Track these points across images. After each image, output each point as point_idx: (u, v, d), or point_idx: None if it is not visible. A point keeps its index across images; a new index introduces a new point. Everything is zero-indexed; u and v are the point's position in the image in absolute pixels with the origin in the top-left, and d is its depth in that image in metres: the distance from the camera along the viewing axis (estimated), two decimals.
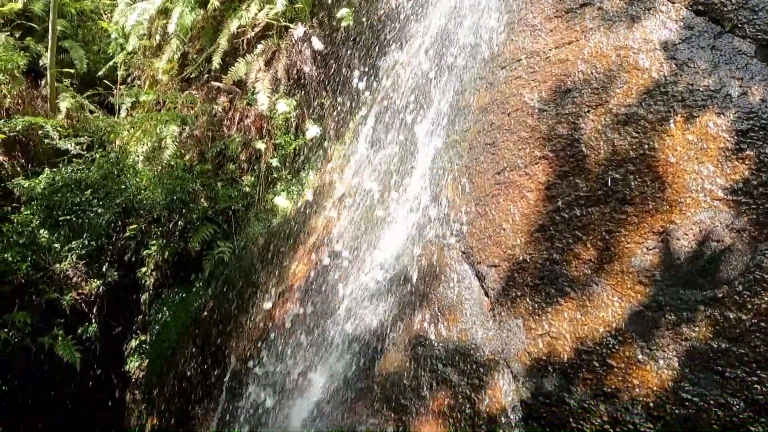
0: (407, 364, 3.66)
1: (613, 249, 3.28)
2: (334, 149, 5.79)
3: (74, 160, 5.88)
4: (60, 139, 5.93)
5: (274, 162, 5.74)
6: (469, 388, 3.37)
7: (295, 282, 4.95)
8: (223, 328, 5.36)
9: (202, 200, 5.77)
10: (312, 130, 5.68)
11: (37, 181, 5.54)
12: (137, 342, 6.22)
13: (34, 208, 5.56)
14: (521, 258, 3.56)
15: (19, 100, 6.56)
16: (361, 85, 5.74)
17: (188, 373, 5.53)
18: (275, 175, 5.78)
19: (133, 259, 6.48)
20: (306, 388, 4.20)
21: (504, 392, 3.27)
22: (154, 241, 6.07)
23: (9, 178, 6.15)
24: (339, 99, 5.85)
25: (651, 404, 2.86)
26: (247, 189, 5.79)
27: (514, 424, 3.16)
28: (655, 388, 2.88)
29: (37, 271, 5.91)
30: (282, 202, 5.65)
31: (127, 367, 6.25)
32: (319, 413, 3.97)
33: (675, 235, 3.16)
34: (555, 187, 3.61)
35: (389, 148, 5.12)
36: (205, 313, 5.66)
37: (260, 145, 5.77)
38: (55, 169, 5.67)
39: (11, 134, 6.15)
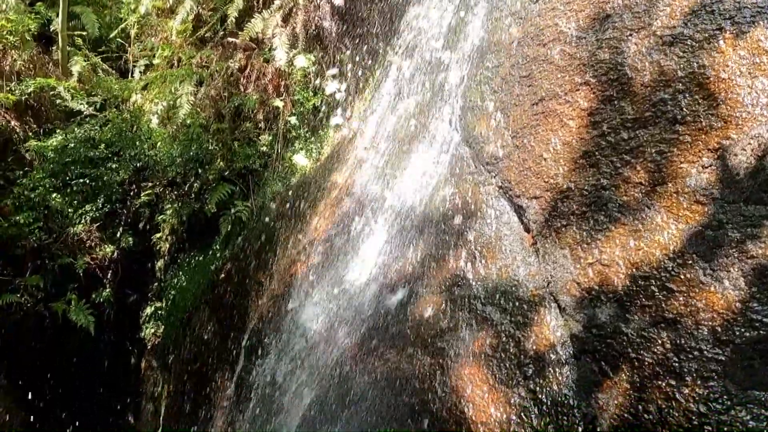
0: (443, 306, 3.43)
1: (666, 170, 3.04)
2: (354, 105, 5.58)
3: (87, 120, 5.70)
4: (72, 99, 5.76)
5: (293, 120, 5.53)
6: (513, 326, 3.13)
7: (317, 236, 4.74)
8: (242, 288, 5.16)
9: (219, 160, 5.57)
10: (331, 86, 5.47)
11: (48, 141, 5.37)
12: (153, 309, 6.03)
13: (46, 169, 5.39)
14: (565, 186, 3.32)
15: (30, 65, 6.39)
16: (382, 39, 5.54)
17: (205, 337, 5.33)
18: (293, 134, 5.57)
19: (148, 227, 6.30)
20: (333, 338, 3.98)
21: (552, 328, 3.03)
22: (169, 205, 5.88)
23: (21, 142, 6.00)
24: (359, 54, 5.64)
25: (718, 328, 2.61)
26: (265, 148, 5.59)
27: (564, 361, 2.92)
28: (721, 311, 2.63)
29: (50, 236, 5.74)
30: (301, 160, 5.44)
31: (143, 334, 6.06)
32: (348, 362, 3.74)
33: (732, 151, 2.94)
34: (599, 112, 3.39)
35: (414, 97, 4.90)
36: (223, 275, 5.46)
37: (278, 103, 5.56)
38: (67, 129, 5.50)
39: (22, 98, 5.99)
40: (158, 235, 6.18)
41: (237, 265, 5.41)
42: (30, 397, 5.65)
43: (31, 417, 5.65)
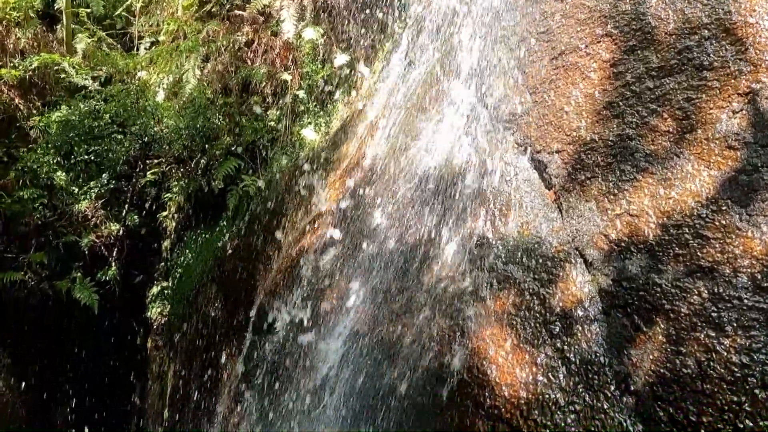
0: (461, 266, 3.28)
1: (694, 117, 2.92)
2: (363, 77, 5.45)
3: (92, 95, 5.58)
4: (76, 75, 5.65)
5: (301, 93, 5.40)
6: (537, 283, 2.98)
7: (328, 208, 4.60)
8: (249, 263, 5.03)
9: (225, 135, 5.45)
10: (340, 59, 5.34)
11: (52, 115, 5.25)
12: (159, 288, 5.91)
13: (51, 141, 5.28)
14: (588, 138, 3.18)
15: (34, 43, 6.29)
16: (392, 9, 5.41)
17: (212, 314, 5.20)
18: (302, 107, 5.44)
19: (154, 206, 6.19)
20: (344, 310, 3.84)
21: (578, 284, 2.88)
22: (176, 183, 5.76)
23: (24, 119, 5.90)
24: (368, 25, 5.51)
25: (757, 275, 2.46)
26: (273, 123, 5.46)
27: (593, 317, 2.77)
28: (760, 257, 2.48)
29: (54, 213, 5.63)
30: (309, 134, 5.31)
31: (149, 313, 5.94)
32: (360, 331, 3.60)
33: (764, 95, 2.82)
34: (622, 63, 3.27)
35: (425, 65, 4.77)
36: (230, 251, 5.33)
37: (286, 76, 5.43)
38: (71, 103, 5.39)
39: (26, 75, 5.88)
40: (164, 213, 6.07)
41: (245, 240, 5.28)
42: (33, 376, 5.54)
43: (35, 396, 5.54)
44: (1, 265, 5.37)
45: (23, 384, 5.50)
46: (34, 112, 5.83)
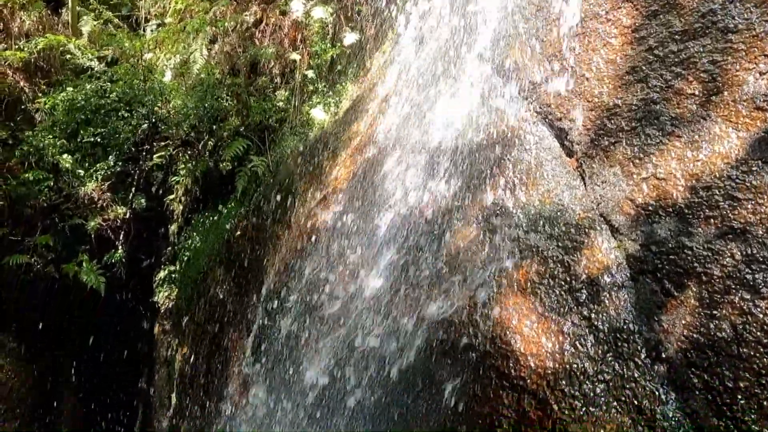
0: (481, 236, 3.20)
1: (720, 80, 2.83)
2: (373, 57, 5.37)
3: (98, 76, 5.49)
4: (82, 56, 5.57)
5: (310, 73, 5.32)
6: (561, 251, 2.90)
7: (338, 185, 4.52)
8: (259, 244, 4.95)
9: (233, 116, 5.37)
10: (350, 37, 5.26)
11: (58, 96, 5.18)
12: (166, 273, 5.83)
13: (56, 122, 5.20)
14: (611, 104, 3.10)
15: (39, 26, 6.21)
16: None
17: (220, 297, 5.12)
18: (311, 87, 5.36)
19: (161, 191, 6.11)
20: (359, 286, 3.76)
21: (604, 250, 2.80)
22: (183, 165, 5.68)
23: (30, 102, 5.82)
24: (378, 3, 5.43)
25: None
26: (281, 104, 5.38)
27: (621, 284, 2.69)
28: None
29: (59, 195, 5.56)
30: (319, 114, 5.23)
31: (156, 298, 5.87)
32: (374, 306, 3.52)
33: None
34: (644, 28, 3.19)
35: (437, 41, 4.68)
36: (239, 233, 5.25)
37: (295, 56, 5.35)
38: (77, 83, 5.31)
39: (31, 57, 5.81)
40: (171, 196, 5.98)
41: (254, 221, 5.20)
42: (39, 361, 5.47)
43: (41, 381, 5.47)
44: (6, 248, 5.30)
45: (28, 369, 5.42)
46: (39, 95, 5.76)
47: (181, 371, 5.39)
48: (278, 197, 5.05)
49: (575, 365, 2.59)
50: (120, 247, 5.59)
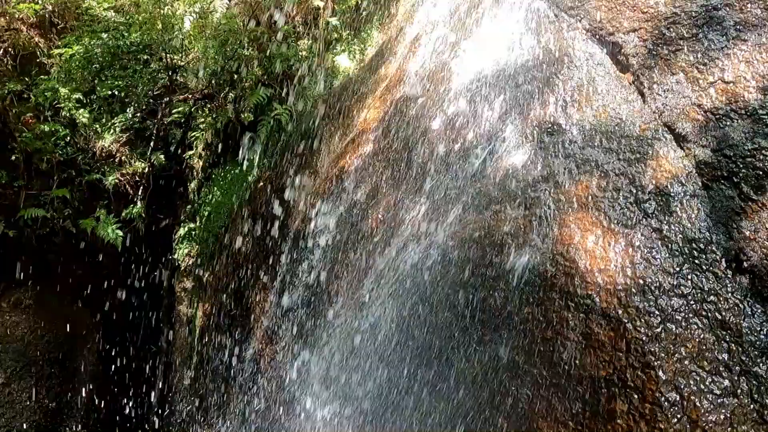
0: (533, 155, 3.01)
1: None
2: (399, 1, 5.17)
3: (115, 26, 5.30)
4: (98, 6, 5.39)
5: (333, 21, 5.13)
6: (623, 163, 2.70)
7: (367, 126, 4.34)
8: (282, 194, 4.77)
9: (255, 66, 5.19)
10: None
11: (73, 47, 5.01)
12: (186, 230, 5.67)
13: (72, 73, 5.03)
14: (669, 13, 2.92)
15: None
16: None
17: (243, 250, 4.95)
18: (335, 35, 5.17)
19: (179, 150, 5.94)
20: (398, 221, 3.57)
21: (671, 160, 2.61)
22: (203, 120, 5.51)
23: (44, 56, 5.65)
24: None
25: None
26: (304, 53, 5.20)
27: (693, 193, 2.49)
28: None
29: (76, 149, 5.40)
30: (344, 61, 5.04)
31: (176, 255, 5.71)
32: (417, 238, 3.34)
33: None
34: None
35: None
36: (261, 184, 5.08)
37: (318, 2, 5.17)
38: (94, 37, 5.11)
39: (45, 13, 5.63)
40: (191, 152, 5.82)
41: (277, 171, 5.02)
42: (56, 319, 5.31)
43: (56, 338, 5.31)
44: (23, 202, 5.14)
45: (44, 325, 5.28)
46: (54, 50, 5.59)
47: (202, 328, 5.23)
48: (303, 146, 4.88)
49: (648, 280, 2.40)
50: (139, 203, 5.42)
